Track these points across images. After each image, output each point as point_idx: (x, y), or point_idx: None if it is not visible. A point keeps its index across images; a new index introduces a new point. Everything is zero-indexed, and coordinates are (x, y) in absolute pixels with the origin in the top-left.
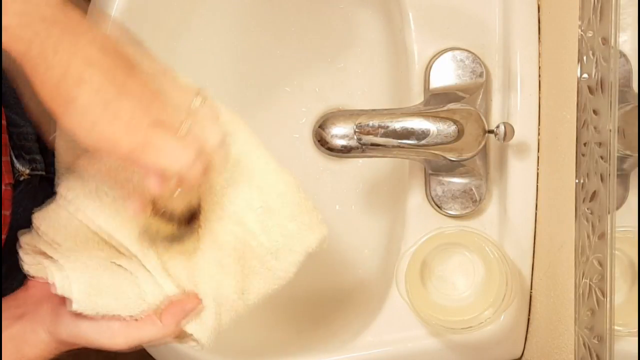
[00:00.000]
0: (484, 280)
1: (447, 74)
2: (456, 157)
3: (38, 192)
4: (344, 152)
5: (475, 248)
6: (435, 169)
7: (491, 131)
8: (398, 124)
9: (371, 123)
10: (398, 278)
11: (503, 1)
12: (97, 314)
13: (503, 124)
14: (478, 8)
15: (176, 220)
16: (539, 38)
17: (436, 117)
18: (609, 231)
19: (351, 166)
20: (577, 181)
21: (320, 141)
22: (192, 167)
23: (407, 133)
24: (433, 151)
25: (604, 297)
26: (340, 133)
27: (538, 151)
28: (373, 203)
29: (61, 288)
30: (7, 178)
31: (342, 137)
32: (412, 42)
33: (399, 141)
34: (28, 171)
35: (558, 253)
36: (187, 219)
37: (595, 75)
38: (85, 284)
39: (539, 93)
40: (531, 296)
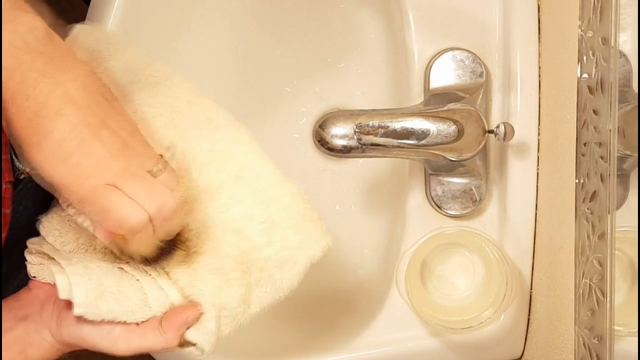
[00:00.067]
0: (484, 280)
1: (447, 74)
2: (456, 157)
3: (38, 191)
4: (344, 152)
5: (475, 248)
6: (435, 169)
7: (491, 131)
8: (398, 124)
9: (371, 123)
10: (398, 278)
11: (503, 1)
12: (102, 319)
13: (503, 124)
14: (478, 8)
15: (148, 253)
16: (539, 38)
17: (436, 117)
18: (609, 231)
19: (351, 166)
20: (577, 181)
21: (320, 141)
22: (141, 231)
23: (407, 133)
24: (433, 151)
25: (604, 297)
26: (340, 133)
27: (538, 151)
28: (373, 203)
29: (62, 291)
30: (8, 176)
31: (342, 137)
32: (412, 42)
33: (399, 141)
34: (28, 169)
35: (558, 253)
36: (167, 245)
37: (595, 75)
38: (86, 288)
39: (539, 93)
40: (531, 296)
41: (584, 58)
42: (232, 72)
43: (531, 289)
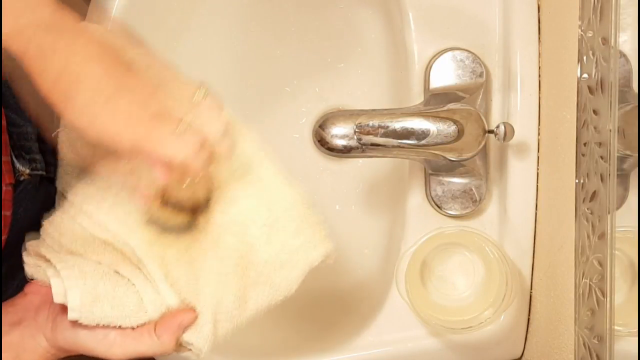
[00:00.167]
0: (484, 280)
1: (447, 74)
2: (456, 157)
3: (38, 192)
4: (344, 152)
5: (475, 248)
6: (435, 169)
7: (491, 131)
8: (398, 124)
9: (371, 123)
10: (398, 278)
11: (503, 1)
12: (97, 324)
13: (503, 124)
14: (478, 8)
15: (185, 211)
16: (539, 38)
17: (436, 117)
18: (609, 231)
19: (351, 166)
20: (577, 181)
21: (320, 141)
22: (197, 156)
23: (407, 133)
24: (433, 151)
25: (604, 297)
26: (340, 133)
27: (538, 151)
28: (373, 203)
29: (57, 295)
30: (8, 178)
31: (342, 137)
32: (412, 42)
33: (399, 141)
34: (28, 171)
35: (558, 253)
36: (195, 211)
37: (595, 75)
38: (81, 293)
39: (539, 93)
40: (531, 296)
41: (584, 58)
42: (232, 72)
43: (531, 289)
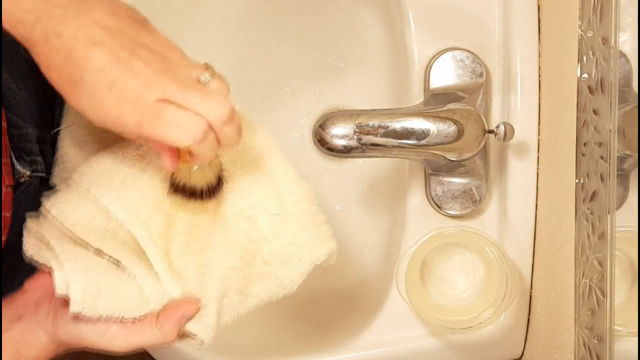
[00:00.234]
0: (484, 280)
1: (447, 74)
2: (456, 157)
3: (38, 194)
4: (344, 152)
5: (475, 248)
6: (435, 169)
7: (491, 131)
8: (398, 124)
9: (371, 123)
10: (398, 278)
11: (503, 1)
12: (99, 317)
13: (503, 124)
14: (478, 8)
15: (195, 198)
16: (539, 38)
17: (436, 117)
18: (609, 231)
19: (351, 166)
20: (577, 181)
21: (320, 141)
22: (204, 140)
23: (407, 133)
24: (433, 151)
25: (604, 297)
26: (340, 133)
27: (538, 151)
28: (373, 203)
29: (59, 288)
30: (8, 180)
31: (342, 137)
32: (412, 42)
33: (399, 141)
34: (28, 173)
35: (558, 253)
36: (205, 198)
37: (595, 75)
38: (84, 286)
39: (539, 93)
40: (531, 296)
41: (584, 58)
42: (232, 72)
43: (531, 289)
